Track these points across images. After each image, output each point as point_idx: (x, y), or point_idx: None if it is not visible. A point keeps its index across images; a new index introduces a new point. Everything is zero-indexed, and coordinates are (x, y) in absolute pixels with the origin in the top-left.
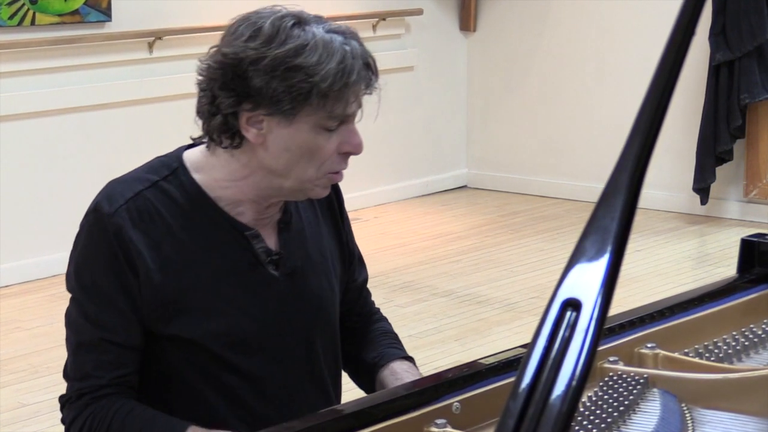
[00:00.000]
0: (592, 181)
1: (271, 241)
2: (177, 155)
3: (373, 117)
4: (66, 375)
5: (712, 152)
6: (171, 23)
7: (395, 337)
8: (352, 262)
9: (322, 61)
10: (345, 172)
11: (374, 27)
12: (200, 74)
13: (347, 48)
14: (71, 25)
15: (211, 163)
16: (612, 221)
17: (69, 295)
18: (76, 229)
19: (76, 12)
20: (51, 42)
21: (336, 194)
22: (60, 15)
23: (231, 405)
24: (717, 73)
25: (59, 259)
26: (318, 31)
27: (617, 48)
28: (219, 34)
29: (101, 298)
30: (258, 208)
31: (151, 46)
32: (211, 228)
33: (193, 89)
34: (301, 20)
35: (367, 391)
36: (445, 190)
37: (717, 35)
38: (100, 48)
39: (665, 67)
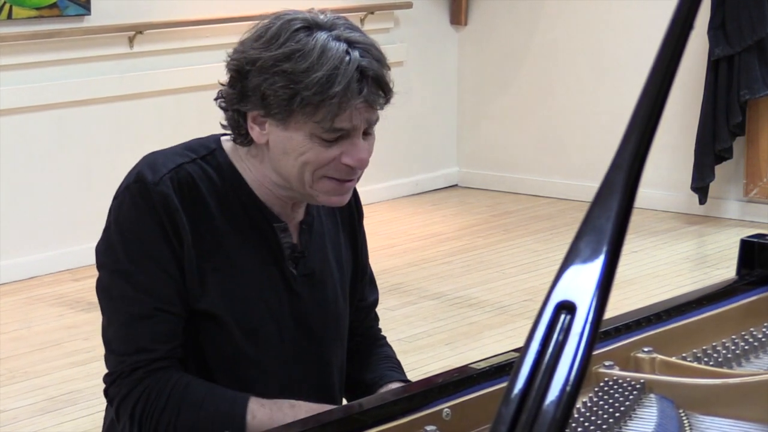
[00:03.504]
0: (587, 179)
1: (294, 239)
2: (215, 138)
3: None
4: (112, 351)
5: (711, 150)
6: (152, 17)
7: (398, 363)
8: (363, 278)
9: (310, 69)
10: None
11: (362, 21)
12: (226, 67)
13: (346, 58)
14: (49, 19)
15: (240, 154)
16: (607, 221)
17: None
18: (53, 230)
19: (54, 5)
20: (28, 36)
21: (357, 207)
22: (38, 9)
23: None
24: (716, 68)
25: (36, 260)
26: (322, 36)
27: (613, 42)
28: (201, 28)
29: (154, 267)
30: (282, 204)
31: (131, 40)
32: (243, 213)
33: (174, 85)
34: (312, 24)
35: None
36: (436, 190)
37: (716, 29)
38: (79, 42)
39: (662, 63)
